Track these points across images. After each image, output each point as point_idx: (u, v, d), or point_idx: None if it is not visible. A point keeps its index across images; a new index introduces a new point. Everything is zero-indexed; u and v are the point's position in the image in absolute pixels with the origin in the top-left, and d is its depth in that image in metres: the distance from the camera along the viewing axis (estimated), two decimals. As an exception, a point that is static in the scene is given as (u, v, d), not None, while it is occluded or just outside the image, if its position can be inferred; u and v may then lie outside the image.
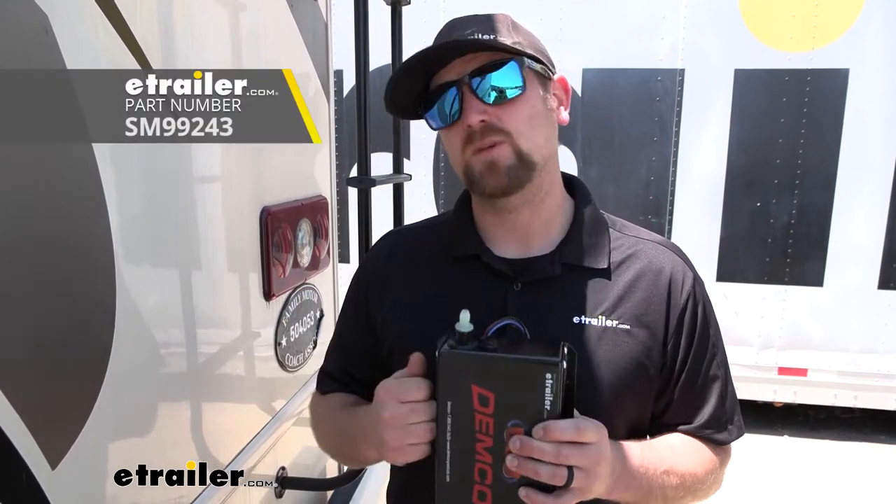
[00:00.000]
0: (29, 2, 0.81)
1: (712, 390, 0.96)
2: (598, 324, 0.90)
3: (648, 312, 0.91)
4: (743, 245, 4.16)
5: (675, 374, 0.93)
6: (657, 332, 0.92)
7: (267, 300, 1.54)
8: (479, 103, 0.85)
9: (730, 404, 0.97)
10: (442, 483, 0.77)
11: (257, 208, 1.49)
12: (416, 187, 4.33)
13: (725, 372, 0.97)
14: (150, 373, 1.11)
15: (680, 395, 0.94)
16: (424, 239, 1.04)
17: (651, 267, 0.94)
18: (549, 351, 0.74)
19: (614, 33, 4.10)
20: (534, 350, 0.75)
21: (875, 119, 3.90)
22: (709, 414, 0.95)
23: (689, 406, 0.95)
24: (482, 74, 0.85)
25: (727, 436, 0.97)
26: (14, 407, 0.78)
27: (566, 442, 0.73)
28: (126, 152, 1.00)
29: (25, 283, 0.82)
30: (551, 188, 0.94)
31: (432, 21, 3.90)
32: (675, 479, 0.90)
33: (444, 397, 0.75)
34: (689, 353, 0.93)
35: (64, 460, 0.87)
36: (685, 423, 0.96)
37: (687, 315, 0.93)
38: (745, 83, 4.00)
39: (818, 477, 3.98)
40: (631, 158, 4.21)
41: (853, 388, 4.17)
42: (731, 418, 0.97)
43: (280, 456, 1.66)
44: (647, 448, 0.90)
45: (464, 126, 0.86)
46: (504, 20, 0.91)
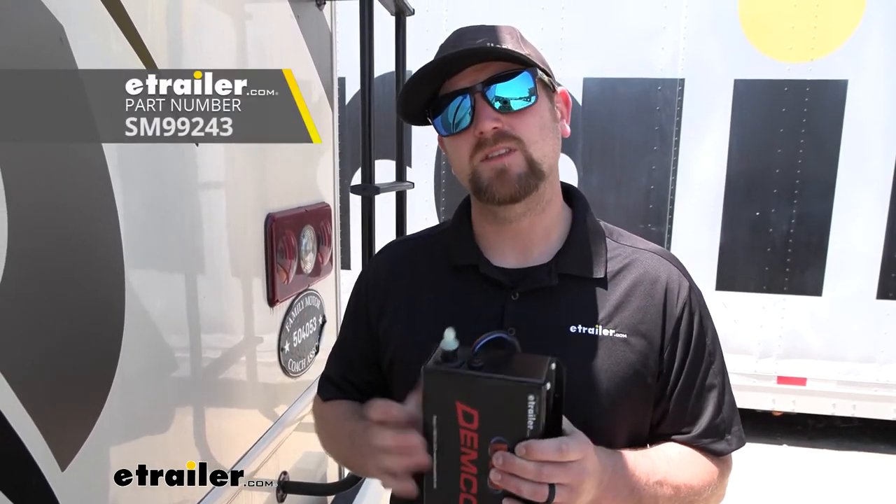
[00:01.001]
0: (47, 13, 0.82)
1: (709, 399, 0.95)
2: (595, 333, 0.90)
3: (645, 321, 0.92)
4: (742, 254, 4.17)
5: (670, 383, 0.94)
6: (654, 341, 0.92)
7: (271, 306, 1.56)
8: (492, 111, 0.86)
9: (728, 413, 0.96)
10: (430, 490, 0.78)
11: (262, 215, 1.51)
12: (418, 195, 4.35)
13: (723, 381, 0.97)
14: (157, 377, 1.13)
15: (676, 403, 0.94)
16: (424, 249, 1.05)
17: (647, 276, 0.94)
18: (534, 369, 0.73)
19: (615, 43, 4.13)
20: (519, 368, 0.74)
21: (874, 129, 3.92)
22: (706, 423, 0.95)
23: (686, 415, 0.95)
24: (495, 83, 0.86)
25: (726, 446, 0.96)
26: (27, 409, 0.79)
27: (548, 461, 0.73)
28: (136, 157, 1.02)
29: (41, 286, 0.83)
30: (553, 198, 0.96)
31: (435, 31, 3.96)
32: (668, 489, 0.89)
33: (430, 411, 0.76)
34: (685, 362, 0.93)
35: (73, 462, 0.88)
36: (682, 432, 0.96)
37: (683, 324, 0.93)
38: (745, 93, 4.03)
39: (817, 486, 3.97)
40: (631, 167, 4.23)
41: (852, 397, 4.17)
42: (729, 428, 0.96)
43: (282, 461, 1.67)
44: (641, 457, 0.89)
45: (475, 133, 0.87)
46: (513, 32, 0.93)
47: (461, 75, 0.88)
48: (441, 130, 0.92)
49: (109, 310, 0.97)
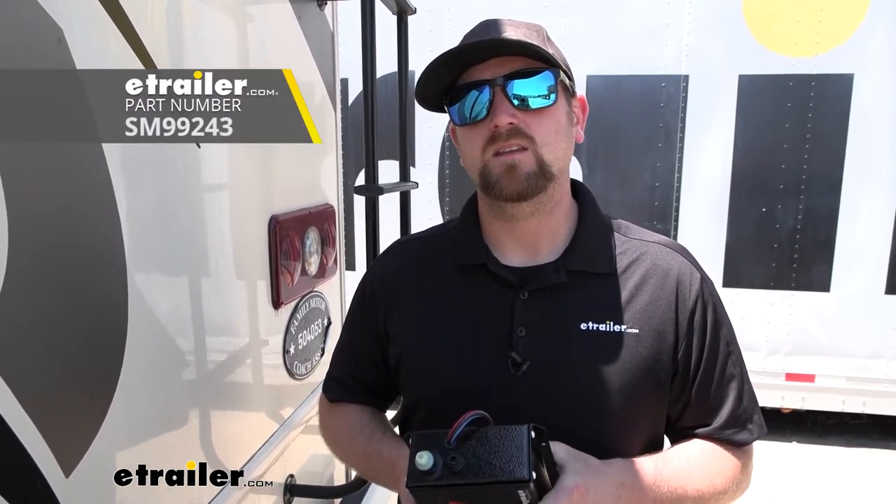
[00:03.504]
0: (45, 14, 0.82)
1: (729, 390, 0.94)
2: (605, 329, 0.90)
3: (657, 315, 0.91)
4: (749, 250, 4.15)
5: (690, 377, 0.93)
6: (667, 336, 0.91)
7: (275, 308, 1.55)
8: (510, 106, 0.85)
9: (748, 402, 0.96)
10: None
11: (266, 217, 1.50)
12: (422, 195, 4.34)
13: (742, 371, 0.96)
14: (161, 381, 1.12)
15: (697, 396, 0.94)
16: (431, 248, 1.04)
17: (657, 269, 0.93)
18: (515, 453, 0.74)
19: (618, 40, 4.11)
20: (500, 457, 0.74)
21: (880, 123, 3.90)
22: (727, 414, 0.94)
23: (708, 407, 0.94)
24: (516, 78, 0.86)
25: (748, 435, 0.95)
26: (29, 416, 0.79)
27: None
28: (138, 159, 1.01)
29: (43, 291, 0.83)
30: (562, 199, 0.95)
31: (437, 31, 3.95)
32: (692, 492, 0.89)
33: None
34: (703, 355, 0.93)
35: (77, 468, 0.87)
36: (704, 425, 0.95)
37: (697, 316, 0.92)
38: (750, 89, 4.01)
39: (827, 483, 3.95)
40: (636, 164, 4.21)
41: (861, 393, 4.15)
42: (750, 416, 0.95)
43: (288, 463, 1.66)
44: (662, 464, 0.89)
45: (490, 126, 0.86)
46: (540, 30, 0.92)
47: (483, 66, 0.87)
48: (456, 119, 0.91)
49: (113, 313, 0.96)
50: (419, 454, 0.74)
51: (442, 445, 0.76)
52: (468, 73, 0.89)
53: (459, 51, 0.86)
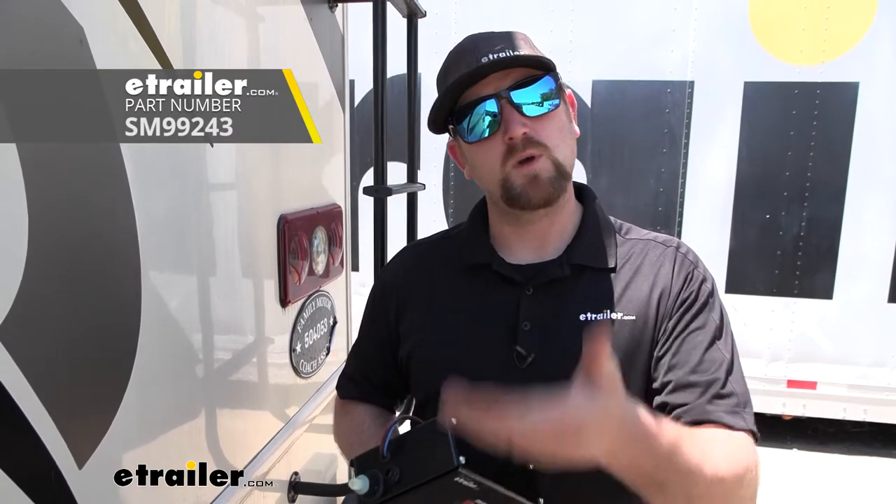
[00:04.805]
0: (67, 15, 0.83)
1: (711, 355, 0.89)
2: (604, 319, 0.92)
3: (650, 300, 0.93)
4: (752, 257, 4.15)
5: (667, 329, 0.91)
6: (651, 311, 0.92)
7: (283, 306, 1.56)
8: (520, 116, 0.88)
9: (739, 389, 0.89)
10: None
11: (275, 216, 1.51)
12: (427, 197, 4.35)
13: (732, 356, 0.91)
14: (171, 377, 1.13)
15: (674, 346, 0.90)
16: (438, 251, 1.08)
17: (655, 260, 0.97)
18: (440, 449, 0.72)
19: (624, 45, 4.12)
20: (429, 454, 0.73)
21: (885, 132, 3.89)
22: (709, 381, 0.87)
23: (688, 362, 0.89)
24: (520, 88, 0.88)
25: (740, 420, 0.86)
26: (45, 407, 0.80)
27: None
28: (153, 158, 1.03)
29: (60, 286, 0.84)
30: (569, 196, 0.99)
31: (444, 34, 3.96)
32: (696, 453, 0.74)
33: None
34: (683, 319, 0.91)
35: (90, 460, 0.89)
36: (689, 384, 0.88)
37: (677, 285, 0.93)
38: (755, 95, 4.01)
39: (827, 491, 3.94)
40: (640, 170, 4.22)
41: (863, 401, 4.14)
42: (742, 403, 0.88)
43: (293, 461, 1.67)
44: (666, 421, 0.76)
45: (504, 139, 0.88)
46: (525, 38, 0.94)
47: (484, 83, 0.89)
48: (466, 137, 0.93)
49: (127, 309, 0.98)
50: (352, 481, 0.75)
51: (378, 461, 0.76)
52: (470, 91, 0.91)
53: (465, 77, 0.88)
